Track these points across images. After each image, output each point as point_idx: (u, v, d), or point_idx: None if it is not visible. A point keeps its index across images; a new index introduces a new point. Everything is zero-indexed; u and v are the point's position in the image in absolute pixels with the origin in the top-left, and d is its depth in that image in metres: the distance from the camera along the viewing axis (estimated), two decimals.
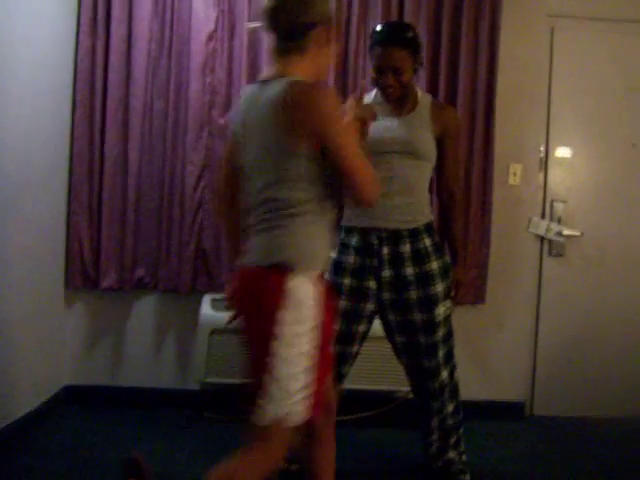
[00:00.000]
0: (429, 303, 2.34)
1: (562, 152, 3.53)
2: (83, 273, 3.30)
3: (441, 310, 2.37)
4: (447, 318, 2.42)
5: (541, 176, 3.52)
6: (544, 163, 3.52)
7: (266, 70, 1.84)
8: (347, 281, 2.36)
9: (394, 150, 2.35)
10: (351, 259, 2.37)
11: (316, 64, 1.79)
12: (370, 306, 2.38)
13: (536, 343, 3.54)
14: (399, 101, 2.42)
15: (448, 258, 2.50)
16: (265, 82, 1.77)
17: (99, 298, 3.37)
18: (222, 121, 3.28)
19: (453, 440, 2.50)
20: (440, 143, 2.44)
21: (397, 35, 2.36)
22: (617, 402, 3.51)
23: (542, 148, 3.51)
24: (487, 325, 3.48)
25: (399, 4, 3.28)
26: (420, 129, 2.39)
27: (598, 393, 3.52)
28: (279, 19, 1.74)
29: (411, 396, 2.74)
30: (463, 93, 3.27)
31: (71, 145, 3.27)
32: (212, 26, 3.24)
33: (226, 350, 3.19)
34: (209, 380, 3.20)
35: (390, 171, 2.33)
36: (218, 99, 3.29)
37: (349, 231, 2.41)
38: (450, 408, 2.46)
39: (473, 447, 2.78)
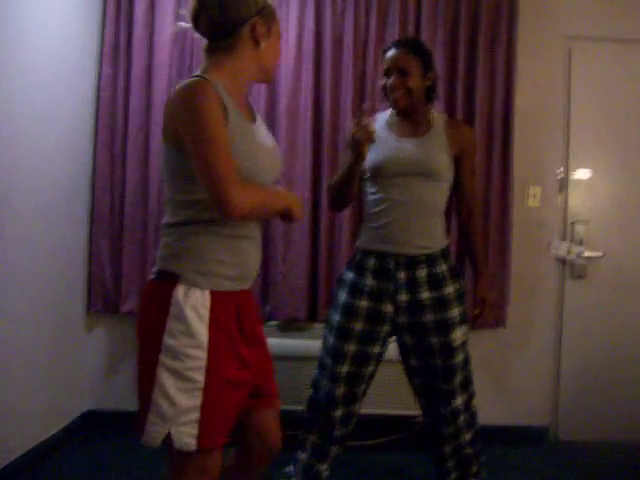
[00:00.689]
0: (446, 327, 2.31)
1: (582, 173, 3.51)
2: (104, 297, 3.33)
3: (458, 334, 2.33)
4: (464, 343, 2.38)
5: (561, 197, 3.50)
6: (564, 184, 3.50)
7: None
8: (364, 303, 2.33)
9: (410, 172, 2.31)
10: (368, 281, 2.34)
11: (254, 60, 1.70)
12: (386, 328, 2.35)
13: (559, 366, 3.49)
14: (413, 120, 2.39)
15: (464, 283, 2.46)
16: None
17: (120, 322, 3.39)
18: None
19: (474, 470, 2.44)
20: (457, 161, 2.42)
21: (405, 40, 2.49)
22: None
23: (561, 169, 3.49)
24: (509, 349, 3.44)
25: (415, 27, 3.31)
26: (437, 149, 2.36)
27: (625, 416, 3.45)
28: (201, 19, 1.66)
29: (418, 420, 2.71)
30: (480, 115, 3.28)
31: (93, 170, 3.32)
32: None
33: None
34: None
35: (406, 194, 2.31)
36: None
37: (366, 253, 2.38)
38: (468, 437, 2.40)
39: (495, 474, 2.73)
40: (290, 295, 3.27)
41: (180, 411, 1.53)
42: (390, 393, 3.19)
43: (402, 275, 2.31)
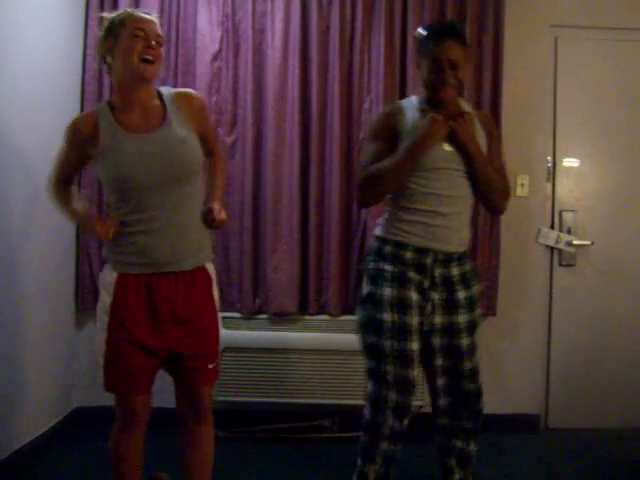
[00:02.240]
0: (473, 327, 2.27)
1: (569, 162, 3.52)
2: (93, 294, 3.30)
3: (477, 335, 2.31)
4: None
5: (549, 186, 3.51)
6: (552, 173, 3.51)
7: None
8: (414, 296, 2.18)
9: (454, 167, 2.18)
10: (411, 274, 2.19)
11: (120, 70, 1.97)
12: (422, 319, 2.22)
13: (549, 354, 3.51)
14: (447, 110, 2.20)
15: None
16: None
17: None
18: (228, 140, 3.30)
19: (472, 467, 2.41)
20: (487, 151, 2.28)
21: (452, 27, 2.23)
22: (633, 413, 3.47)
23: (549, 158, 3.50)
24: (499, 337, 3.46)
25: (402, 17, 3.30)
26: (481, 142, 2.23)
27: (613, 404, 3.49)
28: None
29: (422, 410, 2.71)
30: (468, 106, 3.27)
31: None
32: (217, 46, 3.27)
33: (238, 368, 3.20)
34: (221, 398, 3.20)
35: (451, 188, 2.18)
36: (224, 118, 3.30)
37: (400, 246, 2.20)
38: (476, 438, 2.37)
39: (487, 462, 2.75)
40: (280, 288, 3.27)
41: (96, 358, 2.00)
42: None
43: (438, 272, 2.21)
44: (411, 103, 2.31)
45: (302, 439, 3.23)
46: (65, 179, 2.13)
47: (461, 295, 2.23)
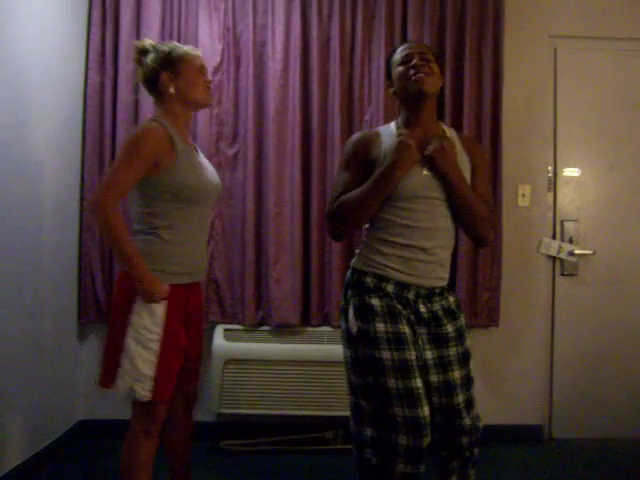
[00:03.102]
0: (465, 359, 2.11)
1: (570, 171, 3.53)
2: (96, 306, 3.31)
3: (471, 365, 2.14)
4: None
5: (550, 196, 3.51)
6: (553, 183, 3.52)
7: None
8: (407, 329, 2.01)
9: (434, 196, 2.02)
10: (398, 307, 2.03)
11: (177, 100, 2.15)
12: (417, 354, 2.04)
13: (552, 364, 3.51)
14: (426, 134, 2.07)
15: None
16: None
17: None
18: (230, 152, 3.31)
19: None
20: (471, 180, 2.11)
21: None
22: (637, 422, 3.45)
23: (550, 168, 3.51)
24: (502, 348, 3.46)
25: (402, 29, 3.33)
26: (464, 169, 2.07)
27: (617, 414, 3.47)
28: (138, 77, 2.24)
29: None
30: (468, 117, 3.29)
31: (81, 179, 3.32)
32: (218, 59, 3.29)
33: (240, 380, 3.20)
34: (224, 411, 3.20)
35: (434, 221, 2.03)
36: (225, 130, 3.32)
37: (381, 279, 2.05)
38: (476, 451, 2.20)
39: (491, 473, 2.74)
40: (282, 300, 3.27)
41: (140, 371, 2.01)
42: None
43: (422, 308, 2.07)
44: (388, 129, 2.15)
45: (304, 451, 3.23)
46: (125, 195, 2.08)
47: (450, 328, 2.08)
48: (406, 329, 2.00)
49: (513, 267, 3.42)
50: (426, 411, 1.94)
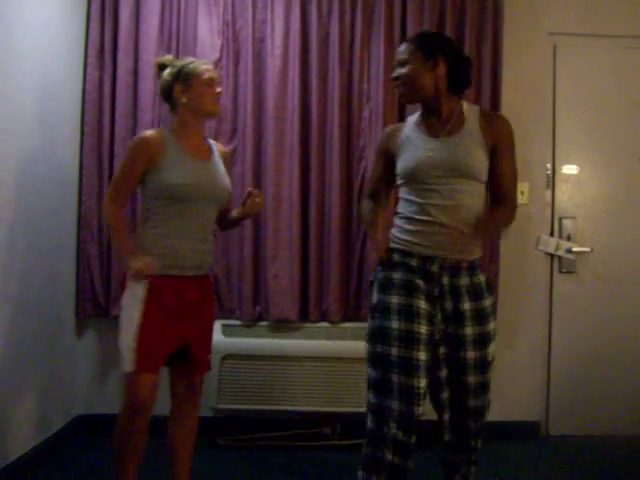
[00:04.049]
0: (483, 341, 2.17)
1: (569, 169, 3.54)
2: (94, 301, 3.31)
3: (492, 349, 2.20)
4: (493, 359, 2.23)
5: (548, 193, 3.52)
6: (551, 180, 3.52)
7: None
8: (423, 304, 2.12)
9: (445, 175, 2.14)
10: (419, 281, 2.14)
11: (188, 110, 2.35)
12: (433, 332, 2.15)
13: (549, 361, 3.52)
14: (441, 117, 2.21)
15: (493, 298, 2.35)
16: None
17: (110, 326, 3.36)
18: (228, 148, 3.31)
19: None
20: (492, 158, 2.20)
21: (411, 36, 2.46)
22: (634, 419, 3.47)
23: (549, 165, 3.52)
24: (499, 344, 3.42)
25: (401, 26, 3.32)
26: (472, 147, 2.16)
27: (615, 410, 3.49)
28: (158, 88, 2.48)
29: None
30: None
31: (80, 175, 3.31)
32: (217, 54, 3.29)
33: (238, 376, 3.20)
34: (222, 406, 3.20)
35: (445, 199, 2.14)
36: (224, 126, 3.32)
37: (406, 254, 2.18)
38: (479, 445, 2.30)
39: (488, 469, 2.75)
40: (281, 295, 3.27)
41: (127, 345, 2.22)
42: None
43: (446, 280, 2.16)
44: (412, 118, 2.34)
45: (302, 447, 3.23)
46: (125, 195, 2.38)
47: (466, 306, 2.15)
48: (421, 303, 2.12)
49: (511, 264, 3.42)
50: (421, 382, 2.06)
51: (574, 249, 3.46)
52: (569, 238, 3.48)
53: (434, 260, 2.15)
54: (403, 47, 2.26)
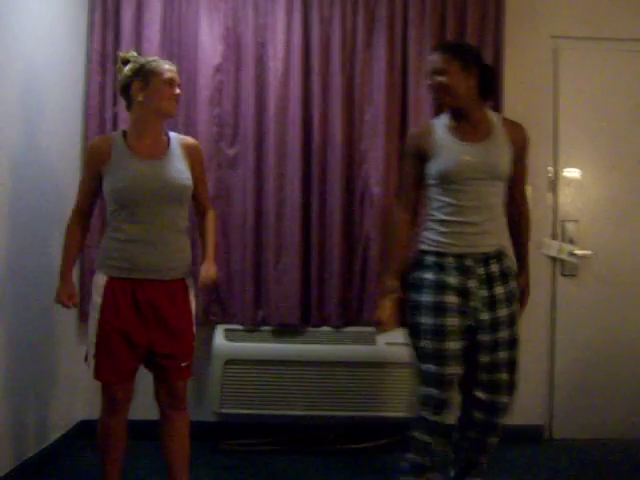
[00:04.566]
0: (512, 320, 2.38)
1: (571, 172, 3.53)
2: None
3: (517, 327, 2.41)
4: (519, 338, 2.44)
5: (550, 197, 3.52)
6: (553, 183, 3.52)
7: None
8: (454, 299, 2.31)
9: (480, 177, 2.32)
10: (452, 279, 2.33)
11: (143, 109, 2.33)
12: (468, 324, 2.34)
13: (553, 364, 3.51)
14: (471, 122, 2.37)
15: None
16: None
17: None
18: (230, 152, 3.31)
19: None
20: (512, 161, 2.39)
21: (439, 44, 2.59)
22: (638, 422, 3.45)
23: (550, 168, 3.51)
24: None
25: (402, 30, 3.32)
26: (503, 151, 2.36)
27: (618, 414, 3.48)
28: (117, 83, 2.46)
29: None
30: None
31: None
32: (219, 59, 3.29)
33: (241, 380, 3.20)
34: (224, 411, 3.20)
35: (476, 200, 2.33)
36: (226, 131, 3.32)
37: (440, 255, 2.36)
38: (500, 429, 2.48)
39: (492, 473, 2.73)
40: (283, 300, 3.27)
41: (89, 353, 2.32)
42: (389, 395, 3.19)
43: (481, 270, 2.35)
44: (441, 120, 2.44)
45: (305, 452, 3.23)
46: (84, 210, 2.44)
47: (500, 290, 2.35)
48: (452, 299, 2.31)
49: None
50: (452, 369, 2.28)
51: (576, 252, 3.46)
52: (571, 241, 3.48)
53: (467, 256, 2.33)
54: (438, 56, 2.36)
